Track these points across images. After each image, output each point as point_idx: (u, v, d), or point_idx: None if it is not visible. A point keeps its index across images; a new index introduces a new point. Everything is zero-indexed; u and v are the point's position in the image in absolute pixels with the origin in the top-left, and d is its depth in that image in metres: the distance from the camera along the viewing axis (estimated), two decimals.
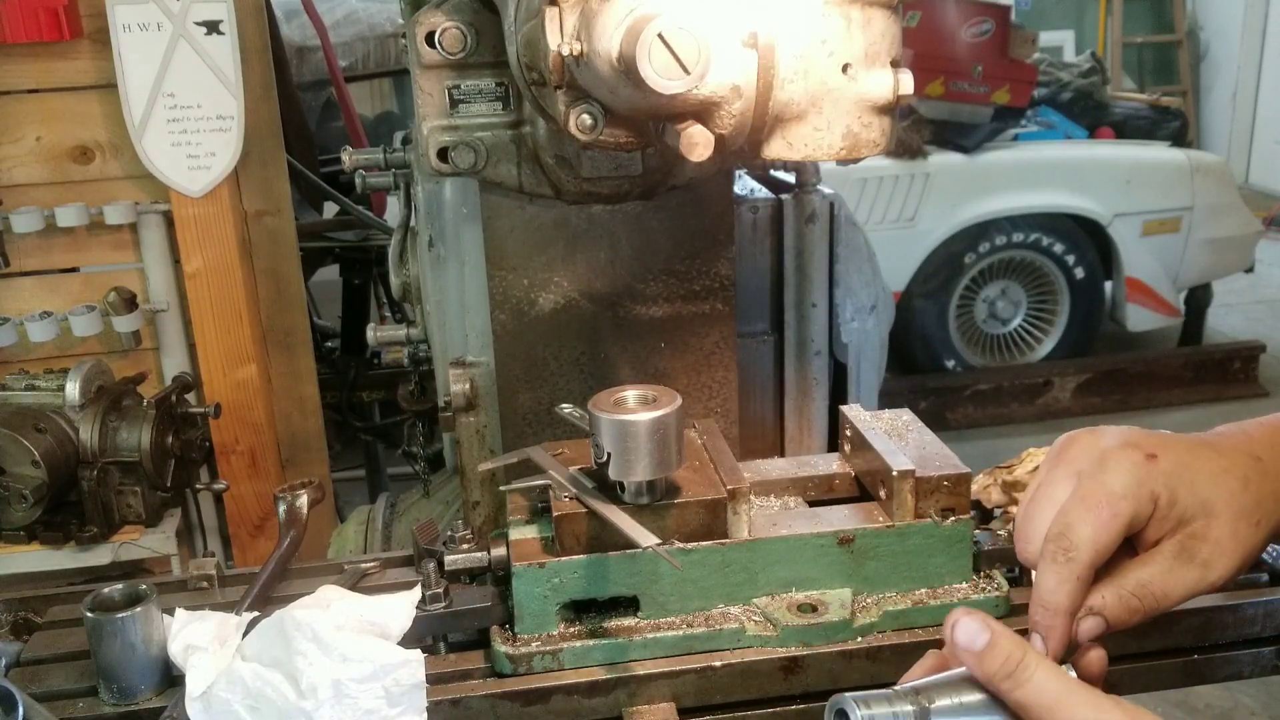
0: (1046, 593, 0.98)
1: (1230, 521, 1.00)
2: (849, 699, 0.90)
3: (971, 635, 0.90)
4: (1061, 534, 1.00)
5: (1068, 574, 0.98)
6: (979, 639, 0.90)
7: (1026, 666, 0.88)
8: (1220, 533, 1.00)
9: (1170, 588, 0.99)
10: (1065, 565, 0.98)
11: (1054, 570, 0.99)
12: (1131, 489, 1.00)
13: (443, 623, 1.35)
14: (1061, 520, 1.00)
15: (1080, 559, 0.98)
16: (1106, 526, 0.99)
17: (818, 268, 1.97)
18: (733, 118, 1.13)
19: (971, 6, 6.03)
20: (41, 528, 2.43)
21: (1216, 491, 1.01)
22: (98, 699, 1.29)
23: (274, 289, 3.02)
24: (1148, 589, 0.99)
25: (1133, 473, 1.01)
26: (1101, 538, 0.99)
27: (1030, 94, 6.35)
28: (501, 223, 1.62)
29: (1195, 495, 1.01)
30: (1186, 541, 1.00)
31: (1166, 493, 1.00)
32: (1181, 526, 1.00)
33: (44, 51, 2.70)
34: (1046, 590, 0.99)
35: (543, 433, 1.68)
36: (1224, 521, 1.00)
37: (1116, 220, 6.12)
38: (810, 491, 1.54)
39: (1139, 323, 6.36)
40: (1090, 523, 0.99)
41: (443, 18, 1.48)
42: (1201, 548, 1.00)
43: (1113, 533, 0.99)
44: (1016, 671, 0.88)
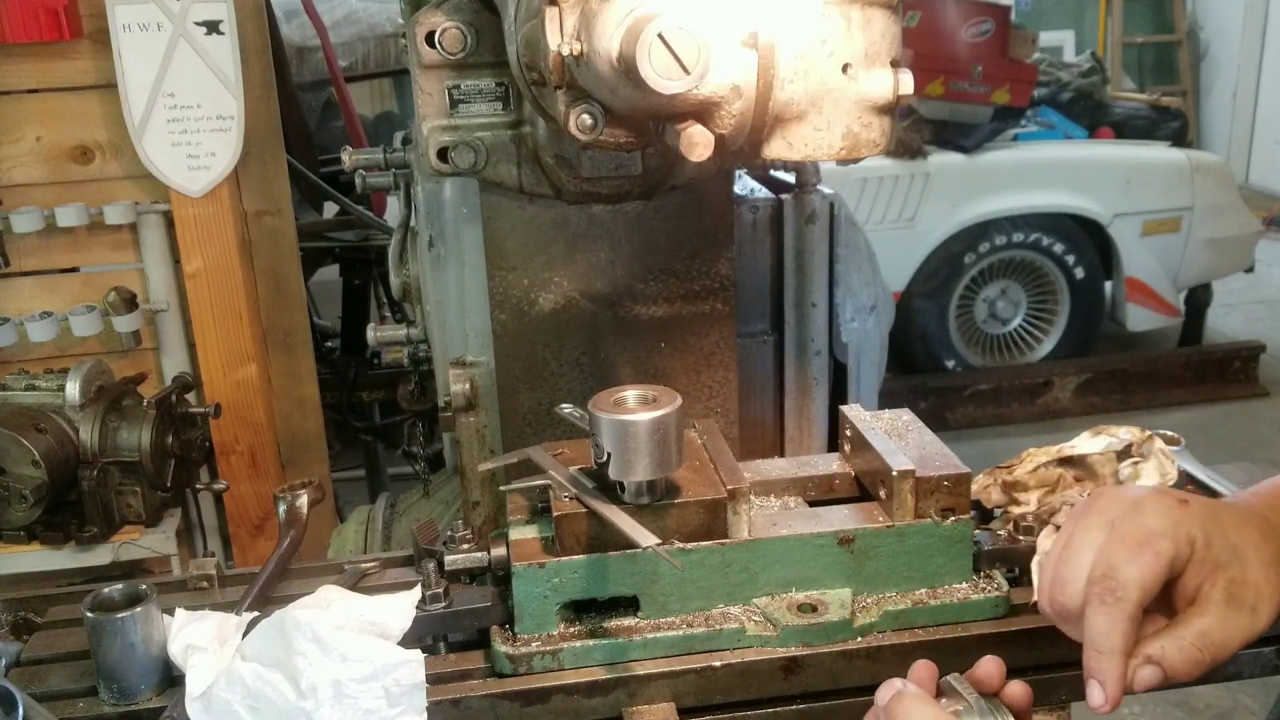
0: (1100, 636, 0.98)
1: (1262, 567, 1.00)
2: None
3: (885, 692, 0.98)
4: (1106, 575, 0.99)
5: (1119, 614, 0.97)
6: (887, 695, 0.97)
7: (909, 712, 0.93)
8: (1257, 577, 1.00)
9: (1229, 636, 0.98)
10: (1115, 605, 0.97)
11: (1104, 612, 0.98)
12: (1169, 529, 1.00)
13: (443, 623, 1.35)
14: (1104, 562, 1.00)
15: (1129, 598, 0.97)
16: (1151, 565, 0.98)
17: (818, 268, 1.97)
18: (733, 118, 1.13)
19: (971, 6, 6.03)
20: (41, 528, 2.43)
21: (1243, 539, 1.01)
22: (98, 699, 1.29)
23: (274, 289, 3.02)
24: (1208, 638, 0.97)
25: (1168, 514, 1.01)
26: (1148, 577, 0.98)
27: (1030, 94, 6.35)
28: (501, 223, 1.62)
29: (1226, 540, 1.01)
30: (1231, 588, 0.99)
31: (1202, 535, 1.00)
32: (1219, 572, 1.00)
33: (44, 51, 2.70)
34: (1099, 633, 0.98)
35: (543, 433, 1.68)
36: (1257, 567, 1.00)
37: (1116, 220, 6.12)
38: (810, 491, 1.54)
39: (1139, 323, 6.36)
40: (1135, 561, 0.99)
41: (443, 18, 1.48)
42: (1246, 593, 0.99)
43: (1157, 571, 0.99)
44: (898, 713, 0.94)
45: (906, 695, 0.95)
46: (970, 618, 1.34)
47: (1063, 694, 1.34)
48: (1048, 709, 1.34)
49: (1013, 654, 1.32)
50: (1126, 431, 1.53)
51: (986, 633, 1.33)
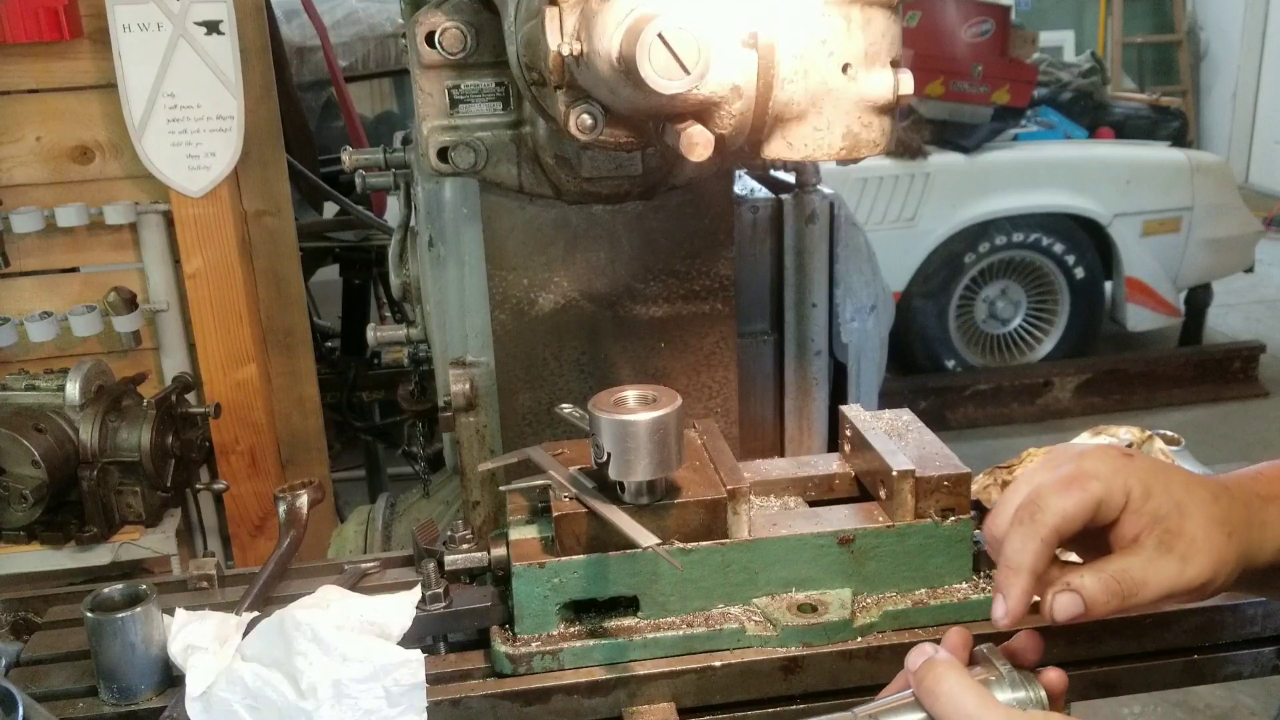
0: (1012, 552, 1.00)
1: (1204, 524, 1.01)
2: None
3: (914, 656, 0.98)
4: (1031, 501, 1.02)
5: (1032, 533, 1.00)
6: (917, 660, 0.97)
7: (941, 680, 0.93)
8: (1195, 531, 1.00)
9: (1150, 576, 0.99)
10: (1030, 525, 1.00)
11: (1019, 531, 1.01)
12: (1105, 474, 1.02)
13: (443, 623, 1.35)
14: (1033, 493, 1.02)
15: (1046, 522, 1.00)
16: (1076, 499, 1.01)
17: (818, 268, 1.97)
18: (733, 118, 1.13)
19: (971, 6, 6.03)
20: (41, 528, 2.43)
21: (1189, 496, 1.02)
22: (98, 699, 1.29)
23: (274, 289, 3.02)
24: (1127, 574, 0.99)
25: (1108, 461, 1.03)
26: (1069, 507, 1.00)
27: (1030, 94, 6.35)
28: (501, 223, 1.62)
29: (1169, 495, 1.02)
30: (1164, 536, 1.00)
31: (1140, 487, 1.01)
32: (1156, 523, 1.01)
33: (44, 51, 2.70)
34: (1012, 550, 1.00)
35: (543, 433, 1.68)
36: (1198, 522, 1.01)
37: (1116, 220, 6.12)
38: (810, 491, 1.54)
39: (1139, 323, 6.36)
40: (1060, 493, 1.01)
41: (443, 18, 1.48)
42: (1178, 542, 1.00)
43: (1081, 505, 1.00)
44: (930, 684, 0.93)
45: (938, 662, 0.96)
46: (970, 618, 1.34)
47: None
48: None
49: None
50: (1126, 431, 1.53)
51: (986, 633, 1.33)
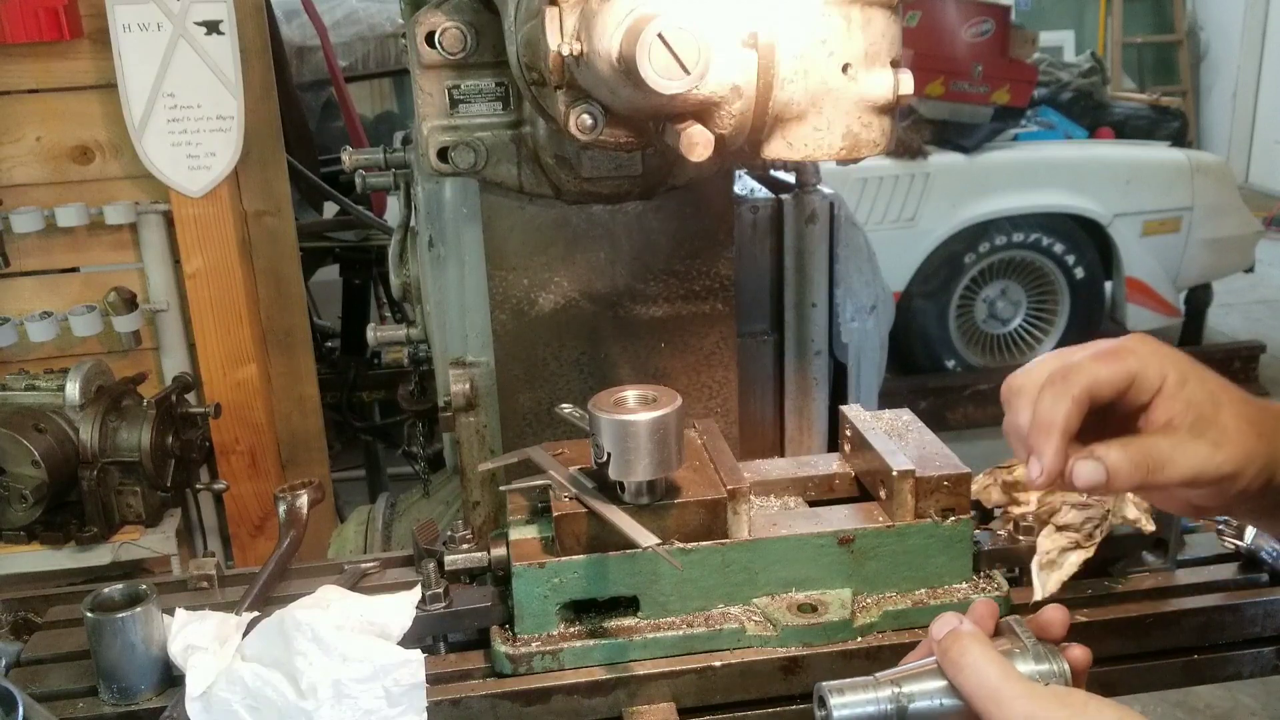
0: (1043, 411, 0.99)
1: (1236, 417, 1.00)
2: (826, 687, 0.95)
3: (939, 625, 0.97)
4: (1063, 367, 1.00)
5: (1063, 393, 0.98)
6: (942, 629, 0.96)
7: (966, 652, 0.92)
8: (1228, 421, 0.99)
9: (1178, 456, 0.98)
10: (1062, 386, 0.99)
11: (1050, 392, 0.99)
12: (1143, 353, 1.01)
13: (443, 623, 1.35)
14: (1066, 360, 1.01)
15: (1078, 381, 0.98)
16: (1109, 366, 0.99)
17: (818, 268, 1.97)
18: (733, 118, 1.13)
19: (971, 6, 6.02)
20: (41, 528, 2.43)
21: (1224, 391, 1.02)
22: (98, 699, 1.29)
23: (274, 289, 3.02)
24: (1156, 450, 0.97)
25: (1147, 343, 1.02)
26: (1102, 373, 0.99)
27: (1030, 94, 6.34)
28: (501, 223, 1.62)
29: (1204, 385, 1.01)
30: (1196, 422, 0.99)
31: (1177, 373, 1.00)
32: (1190, 409, 0.99)
33: (44, 51, 2.70)
34: (1043, 409, 0.99)
35: (543, 433, 1.68)
36: (1230, 414, 1.00)
37: (1116, 220, 6.12)
38: (810, 491, 1.54)
39: (1139, 323, 6.35)
40: (1095, 360, 1.00)
41: (443, 18, 1.48)
42: (1210, 429, 0.99)
43: (1115, 374, 0.99)
44: (955, 655, 0.93)
45: (963, 633, 0.95)
46: None
47: None
48: None
49: None
50: None
51: None
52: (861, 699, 0.95)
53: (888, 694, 0.95)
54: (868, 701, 0.95)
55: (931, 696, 0.95)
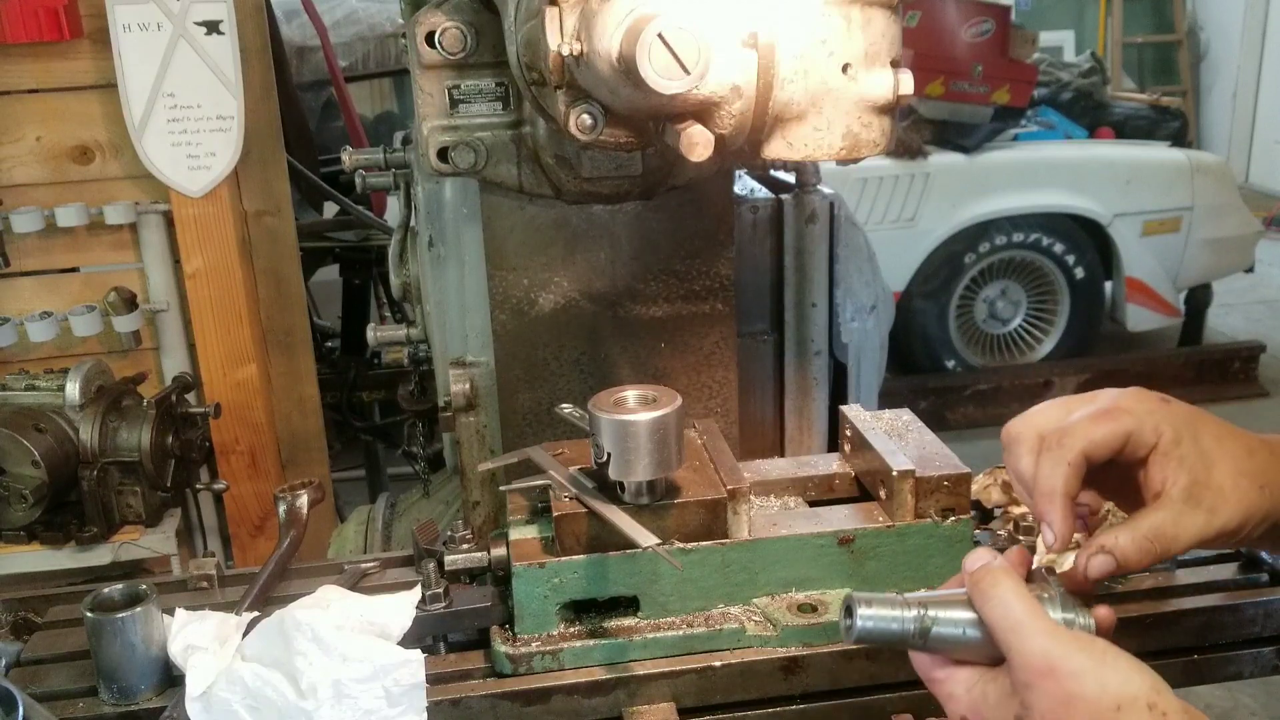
0: (1043, 479, 1.03)
1: (1232, 475, 1.02)
2: (856, 597, 0.97)
3: (973, 559, 0.99)
4: (1058, 430, 1.04)
5: (1060, 459, 1.02)
6: (976, 562, 0.98)
7: (996, 584, 0.94)
8: (1222, 481, 1.02)
9: (1181, 530, 1.00)
10: (1058, 452, 1.02)
11: (1047, 458, 1.03)
12: (1138, 411, 1.03)
13: (443, 623, 1.35)
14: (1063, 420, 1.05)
15: (1073, 446, 1.02)
16: (1104, 427, 1.02)
17: (818, 268, 1.97)
18: (733, 118, 1.13)
19: (971, 6, 6.02)
20: (41, 528, 2.43)
21: (1219, 447, 1.04)
22: (98, 699, 1.29)
23: (274, 289, 3.02)
24: (1160, 531, 1.00)
25: (1143, 401, 1.05)
26: (1096, 434, 1.02)
27: (1030, 94, 6.35)
28: (501, 223, 1.62)
29: (1198, 444, 1.03)
30: (1192, 488, 1.02)
31: (1171, 431, 1.03)
32: (1183, 471, 1.02)
33: (44, 51, 2.70)
34: (1043, 477, 1.03)
35: (543, 433, 1.68)
36: (1226, 473, 1.02)
37: (1116, 220, 6.12)
38: (810, 491, 1.54)
39: (1139, 323, 6.36)
40: (1089, 422, 1.03)
41: (443, 18, 1.48)
42: (1205, 494, 1.01)
43: (1109, 435, 1.02)
44: (985, 586, 0.94)
45: (995, 568, 0.96)
46: None
47: None
48: None
49: None
50: None
51: None
52: (887, 614, 0.97)
53: (914, 614, 0.97)
54: (893, 619, 0.97)
55: (956, 624, 0.97)
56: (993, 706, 0.94)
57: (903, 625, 0.97)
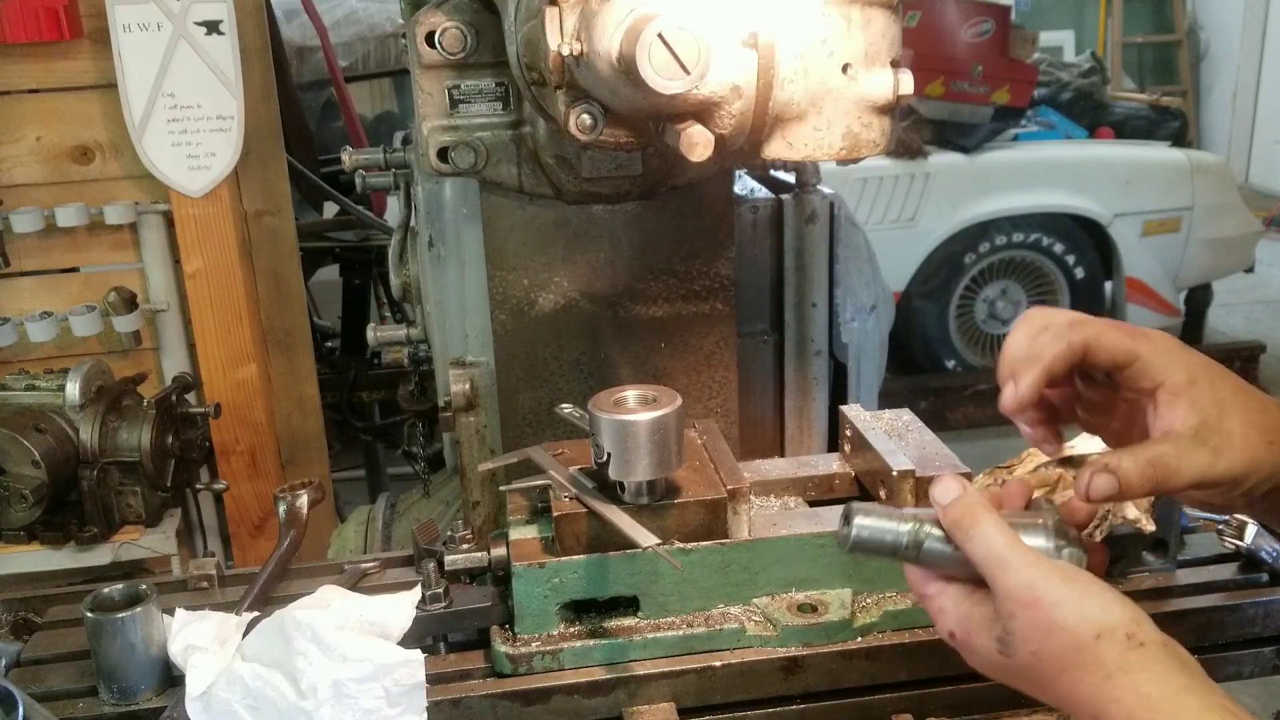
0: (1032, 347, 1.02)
1: (1242, 425, 1.02)
2: (854, 507, 0.99)
3: (943, 491, 0.98)
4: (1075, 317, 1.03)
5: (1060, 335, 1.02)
6: (948, 494, 0.98)
7: (977, 521, 0.94)
8: (1231, 428, 1.01)
9: (1183, 464, 1.00)
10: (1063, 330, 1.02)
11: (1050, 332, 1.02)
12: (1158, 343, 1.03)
13: (443, 623, 1.35)
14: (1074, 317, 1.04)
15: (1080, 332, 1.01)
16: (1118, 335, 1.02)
17: (818, 268, 1.97)
18: (733, 118, 1.13)
19: (971, 6, 6.02)
20: (41, 528, 2.43)
21: (1235, 398, 1.03)
22: (98, 699, 1.29)
23: (274, 289, 3.02)
24: (1163, 459, 1.00)
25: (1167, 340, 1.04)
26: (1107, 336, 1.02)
27: (1030, 94, 6.34)
28: (501, 223, 1.62)
29: (1214, 390, 1.02)
30: (1201, 429, 1.01)
31: (1187, 372, 1.02)
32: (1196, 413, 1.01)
33: (44, 51, 2.70)
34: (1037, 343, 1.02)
35: (543, 433, 1.68)
36: (1236, 422, 1.02)
37: (1116, 220, 6.12)
38: (810, 491, 1.54)
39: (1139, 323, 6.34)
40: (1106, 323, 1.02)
41: (443, 18, 1.48)
42: (1213, 436, 1.01)
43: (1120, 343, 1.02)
44: (966, 523, 0.95)
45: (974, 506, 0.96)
46: None
47: None
48: (1047, 709, 1.34)
49: None
50: None
51: None
52: (883, 525, 0.98)
53: (909, 528, 0.98)
54: (888, 530, 0.98)
55: (948, 541, 0.97)
56: (976, 626, 0.95)
57: (896, 537, 0.98)
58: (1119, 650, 0.88)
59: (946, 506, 0.97)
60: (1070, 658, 0.89)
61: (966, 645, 0.97)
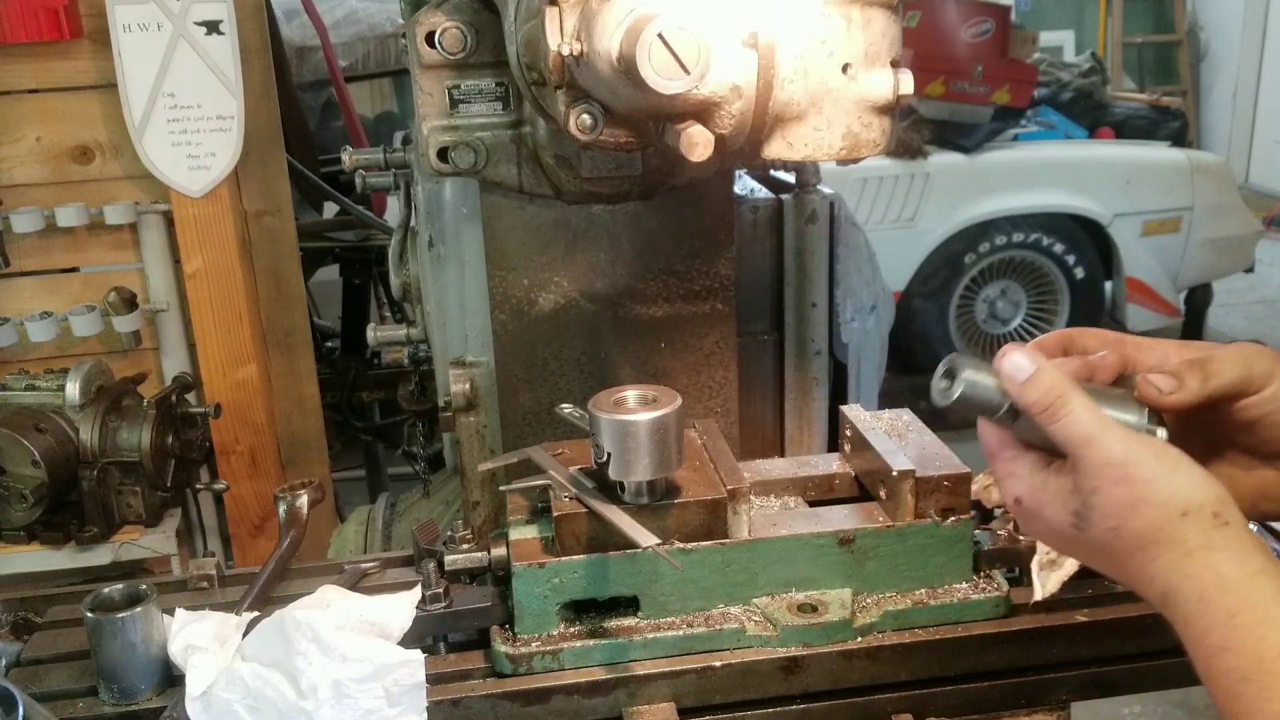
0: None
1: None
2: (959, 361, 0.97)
3: (1016, 367, 0.95)
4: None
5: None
6: (1022, 371, 0.95)
7: (1065, 403, 0.93)
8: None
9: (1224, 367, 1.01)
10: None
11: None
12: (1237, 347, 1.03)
13: (443, 623, 1.35)
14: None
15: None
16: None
17: (818, 268, 1.97)
18: (733, 118, 1.13)
19: (971, 6, 6.02)
20: (41, 528, 2.43)
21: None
22: (98, 699, 1.29)
23: (274, 289, 3.02)
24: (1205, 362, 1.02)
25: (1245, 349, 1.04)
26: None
27: (1030, 94, 6.35)
28: (501, 223, 1.62)
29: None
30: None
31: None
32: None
33: (44, 51, 2.70)
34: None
35: (543, 433, 1.68)
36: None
37: (1116, 220, 6.12)
38: (810, 491, 1.54)
39: (1139, 323, 6.36)
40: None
41: (443, 18, 1.48)
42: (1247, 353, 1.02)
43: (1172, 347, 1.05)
44: (1054, 406, 0.93)
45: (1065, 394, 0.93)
46: (970, 618, 1.34)
47: (1062, 694, 1.34)
48: (1047, 709, 1.34)
49: (1012, 654, 1.32)
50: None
51: (987, 633, 1.33)
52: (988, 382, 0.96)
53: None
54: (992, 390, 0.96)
55: None
56: (1051, 496, 0.94)
57: (1000, 398, 0.96)
58: (1202, 527, 0.87)
59: (1024, 386, 0.94)
60: (1151, 535, 0.88)
61: (1034, 514, 0.96)
